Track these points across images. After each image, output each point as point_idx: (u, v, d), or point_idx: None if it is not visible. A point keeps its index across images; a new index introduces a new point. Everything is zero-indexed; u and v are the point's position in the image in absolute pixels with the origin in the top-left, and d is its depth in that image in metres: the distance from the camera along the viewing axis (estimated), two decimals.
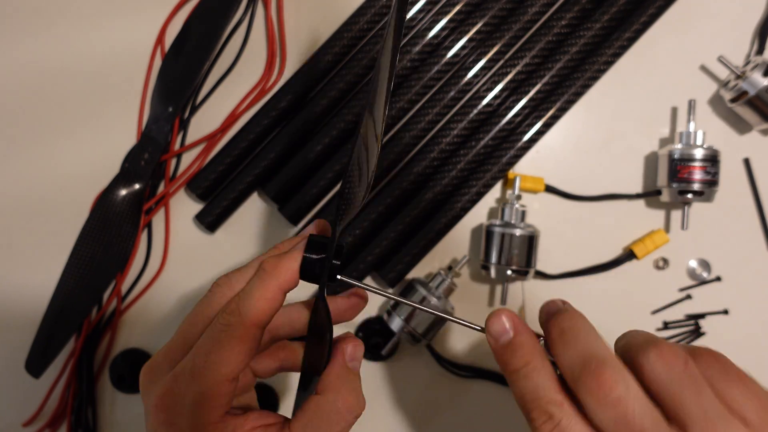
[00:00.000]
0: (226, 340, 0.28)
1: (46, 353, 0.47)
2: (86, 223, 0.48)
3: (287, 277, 0.29)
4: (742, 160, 0.50)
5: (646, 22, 0.48)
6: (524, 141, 0.48)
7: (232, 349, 0.28)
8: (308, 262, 0.30)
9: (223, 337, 0.28)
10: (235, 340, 0.28)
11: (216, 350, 0.28)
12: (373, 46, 0.48)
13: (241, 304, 0.28)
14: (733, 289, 0.50)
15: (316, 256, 0.30)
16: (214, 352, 0.28)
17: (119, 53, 0.50)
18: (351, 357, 0.30)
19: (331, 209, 0.48)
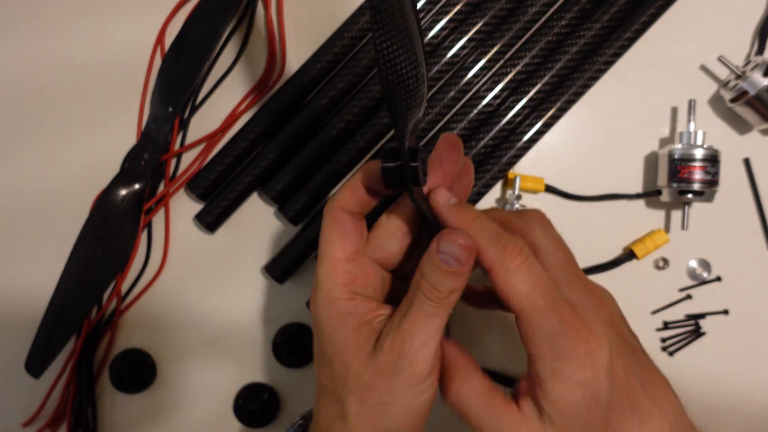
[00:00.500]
0: (326, 226, 0.34)
1: (46, 353, 0.47)
2: (86, 223, 0.48)
3: (367, 173, 0.33)
4: (742, 160, 0.50)
5: (646, 22, 0.48)
6: (524, 141, 0.48)
7: (330, 231, 0.33)
8: (387, 170, 0.30)
9: (324, 224, 0.34)
10: (330, 223, 0.33)
11: (323, 237, 0.34)
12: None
13: (333, 198, 0.34)
14: (733, 289, 0.50)
15: (392, 164, 0.30)
16: (322, 238, 0.34)
17: (119, 53, 0.50)
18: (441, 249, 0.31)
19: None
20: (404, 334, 0.30)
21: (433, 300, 0.31)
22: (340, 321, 0.32)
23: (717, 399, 0.50)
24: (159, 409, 0.50)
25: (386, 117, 0.48)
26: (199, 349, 0.50)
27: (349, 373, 0.32)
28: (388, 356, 0.31)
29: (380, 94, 0.48)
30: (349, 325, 0.32)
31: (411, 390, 0.31)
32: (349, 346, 0.32)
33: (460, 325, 0.50)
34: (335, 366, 0.32)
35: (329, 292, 0.33)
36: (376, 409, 0.31)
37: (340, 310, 0.32)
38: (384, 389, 0.31)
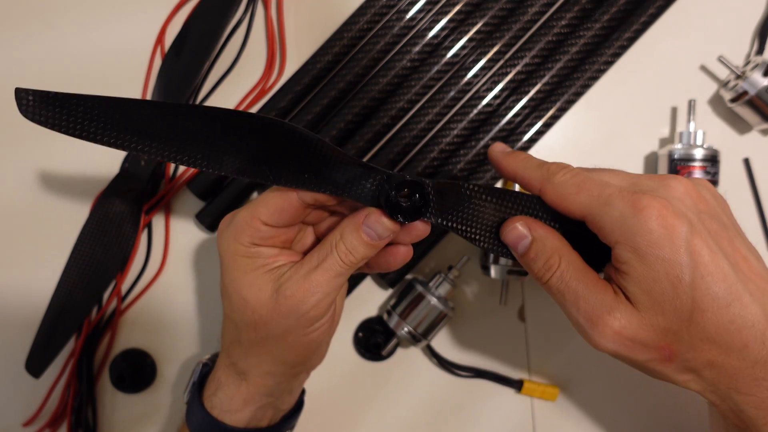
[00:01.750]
0: (273, 194, 0.34)
1: (46, 353, 0.47)
2: (86, 223, 0.48)
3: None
4: (742, 160, 0.50)
5: (646, 22, 0.48)
6: (524, 141, 0.48)
7: (273, 199, 0.34)
8: (408, 208, 0.33)
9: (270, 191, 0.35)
10: (277, 194, 0.34)
11: (265, 196, 0.35)
12: (374, 45, 0.48)
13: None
14: None
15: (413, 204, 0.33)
16: (264, 197, 0.35)
17: (119, 53, 0.50)
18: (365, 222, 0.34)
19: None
20: (310, 284, 0.34)
21: (345, 262, 0.34)
22: (239, 262, 0.35)
23: None
24: (159, 408, 0.50)
25: (386, 117, 0.48)
26: (199, 348, 0.50)
27: (246, 306, 0.35)
28: (288, 300, 0.34)
29: (380, 94, 0.48)
30: (248, 266, 0.35)
31: (304, 329, 0.35)
32: (246, 284, 0.35)
33: (456, 328, 0.50)
34: (233, 298, 0.35)
35: (237, 236, 0.35)
36: (269, 339, 0.35)
37: (241, 252, 0.35)
38: (278, 325, 0.34)
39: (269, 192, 0.35)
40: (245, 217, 0.34)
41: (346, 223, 0.34)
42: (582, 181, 0.32)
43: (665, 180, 0.32)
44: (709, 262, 0.30)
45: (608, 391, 0.50)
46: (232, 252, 0.35)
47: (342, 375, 0.50)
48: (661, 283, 0.29)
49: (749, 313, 0.30)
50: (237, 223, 0.35)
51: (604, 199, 0.31)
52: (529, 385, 0.49)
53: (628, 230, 0.30)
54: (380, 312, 0.50)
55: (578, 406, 0.50)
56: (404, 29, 0.48)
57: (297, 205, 0.34)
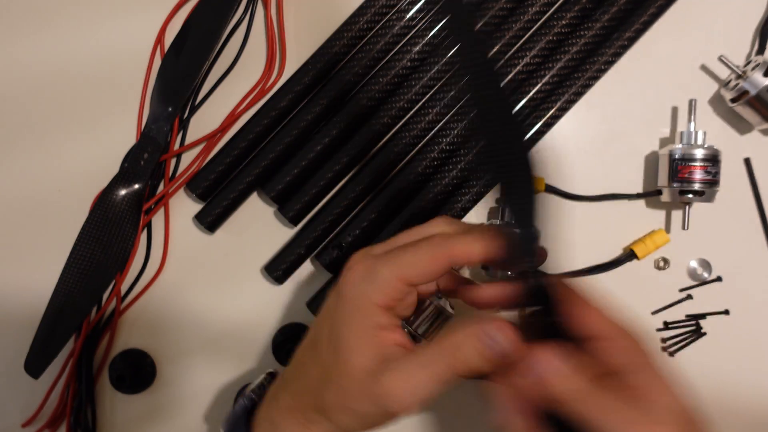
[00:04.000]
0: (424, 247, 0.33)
1: (45, 353, 0.47)
2: (85, 223, 0.48)
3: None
4: (742, 160, 0.50)
5: (646, 21, 0.48)
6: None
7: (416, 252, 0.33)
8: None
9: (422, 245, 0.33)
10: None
11: (406, 250, 0.33)
12: (374, 45, 0.48)
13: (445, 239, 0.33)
14: (734, 289, 0.50)
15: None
16: (404, 252, 0.33)
17: (119, 53, 0.50)
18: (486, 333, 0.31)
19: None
20: (414, 387, 0.31)
21: (456, 372, 0.31)
22: (363, 320, 0.32)
23: (717, 399, 0.50)
24: (159, 409, 0.50)
25: (386, 117, 0.47)
26: (198, 349, 0.50)
27: (341, 371, 0.32)
28: (384, 389, 0.31)
29: (380, 94, 0.48)
30: (375, 336, 0.32)
31: (382, 420, 0.32)
32: (357, 345, 0.32)
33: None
34: (341, 352, 0.32)
35: (375, 293, 0.32)
36: (347, 410, 0.32)
37: (370, 312, 0.32)
38: (360, 403, 0.32)
39: (418, 251, 0.32)
40: (391, 275, 0.32)
41: (468, 331, 0.31)
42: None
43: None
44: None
45: None
46: (361, 307, 0.32)
47: None
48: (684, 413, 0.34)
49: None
50: (380, 280, 0.32)
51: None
52: None
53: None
54: None
55: None
56: (404, 29, 0.48)
57: (445, 270, 0.32)
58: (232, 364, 0.50)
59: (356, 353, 0.32)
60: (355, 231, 0.47)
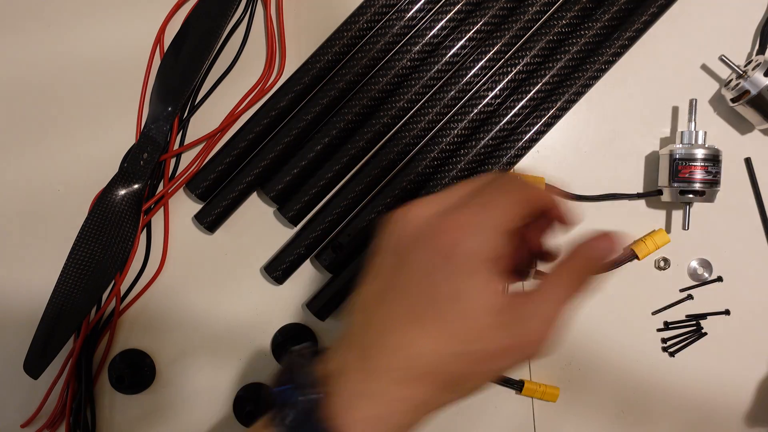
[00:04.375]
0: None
1: (45, 354, 0.47)
2: (85, 223, 0.48)
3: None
4: (743, 159, 0.50)
5: (647, 21, 0.48)
6: (525, 141, 0.48)
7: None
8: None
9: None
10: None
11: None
12: (374, 45, 0.47)
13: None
14: (734, 289, 0.50)
15: None
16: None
17: (118, 52, 0.50)
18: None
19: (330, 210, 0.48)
20: (551, 321, 0.30)
21: (579, 293, 0.31)
22: (490, 280, 0.30)
23: (718, 399, 0.50)
24: (158, 409, 0.50)
25: (386, 117, 0.47)
26: (198, 349, 0.50)
27: (475, 336, 0.30)
28: (523, 334, 0.30)
29: (380, 94, 0.48)
30: (497, 288, 0.30)
31: (509, 370, 0.31)
32: (493, 309, 0.30)
33: None
34: (462, 321, 0.30)
35: (503, 225, 0.31)
36: (483, 373, 0.31)
37: (494, 273, 0.30)
38: (500, 360, 0.30)
39: (511, 194, 0.31)
40: (495, 226, 0.30)
41: (588, 249, 0.31)
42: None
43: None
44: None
45: (609, 392, 0.50)
46: (480, 265, 0.30)
47: None
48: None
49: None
50: (488, 231, 0.30)
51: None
52: (530, 386, 0.49)
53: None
54: None
55: (579, 407, 0.50)
56: (404, 29, 0.48)
57: (534, 214, 0.32)
58: (231, 364, 0.50)
59: (488, 313, 0.30)
60: (354, 231, 0.47)
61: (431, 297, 0.30)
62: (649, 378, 0.50)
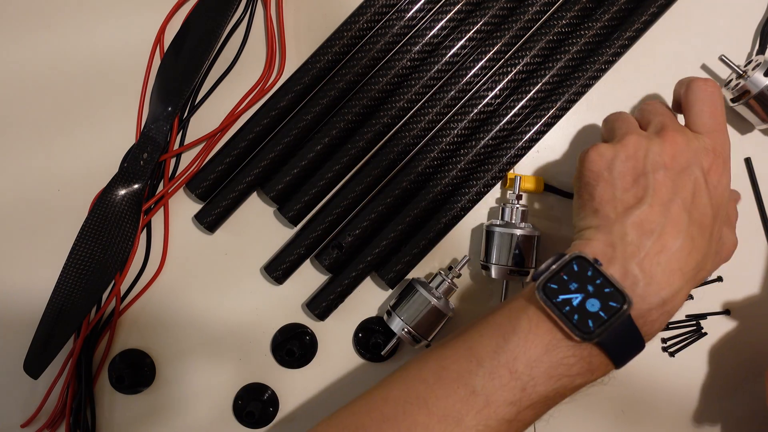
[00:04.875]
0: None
1: (45, 354, 0.47)
2: (85, 223, 0.48)
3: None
4: (743, 159, 0.50)
5: (647, 21, 0.48)
6: (525, 141, 0.48)
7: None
8: None
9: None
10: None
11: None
12: (374, 45, 0.47)
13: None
14: (734, 289, 0.50)
15: None
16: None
17: (118, 52, 0.50)
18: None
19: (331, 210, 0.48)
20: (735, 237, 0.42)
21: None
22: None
23: (718, 399, 0.50)
24: (158, 409, 0.50)
25: (386, 117, 0.47)
26: (198, 349, 0.50)
27: (723, 241, 0.40)
28: (729, 247, 0.41)
29: (380, 94, 0.48)
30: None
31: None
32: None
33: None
34: (722, 234, 0.39)
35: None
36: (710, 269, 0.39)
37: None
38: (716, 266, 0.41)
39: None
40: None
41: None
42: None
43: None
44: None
45: (609, 392, 0.50)
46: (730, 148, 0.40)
47: (342, 375, 0.50)
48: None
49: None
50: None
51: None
52: None
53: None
54: (380, 312, 0.50)
55: (579, 407, 0.50)
56: (404, 29, 0.48)
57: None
58: (231, 364, 0.50)
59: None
60: (354, 231, 0.47)
61: (710, 208, 0.37)
62: (649, 378, 0.50)
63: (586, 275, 0.35)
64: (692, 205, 0.36)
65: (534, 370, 0.35)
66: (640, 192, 0.37)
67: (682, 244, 0.35)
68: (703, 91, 0.40)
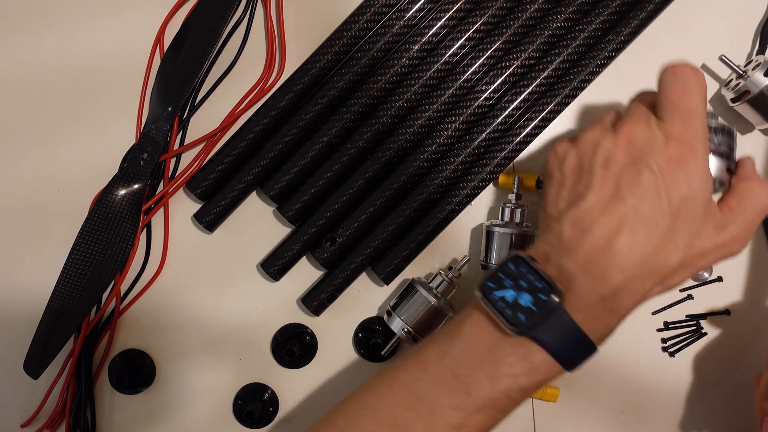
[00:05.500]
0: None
1: (45, 354, 0.47)
2: (85, 223, 0.48)
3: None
4: None
5: (646, 18, 0.47)
6: (522, 136, 0.47)
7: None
8: None
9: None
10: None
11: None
12: (373, 45, 0.47)
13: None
14: (734, 289, 0.50)
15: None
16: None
17: (118, 52, 0.50)
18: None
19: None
20: (753, 217, 0.37)
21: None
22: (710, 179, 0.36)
23: (718, 399, 0.50)
24: (158, 409, 0.50)
25: (386, 116, 0.47)
26: (198, 349, 0.50)
27: (698, 232, 0.35)
28: (730, 239, 0.36)
29: (380, 93, 0.48)
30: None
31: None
32: (713, 211, 0.36)
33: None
34: (693, 223, 0.35)
35: (702, 109, 0.36)
36: (702, 257, 0.36)
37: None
38: (709, 259, 0.36)
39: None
40: (701, 100, 0.36)
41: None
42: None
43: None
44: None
45: (609, 392, 0.50)
46: (705, 135, 0.36)
47: (342, 375, 0.50)
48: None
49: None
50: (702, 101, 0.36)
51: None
52: None
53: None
54: (380, 312, 0.50)
55: (579, 407, 0.50)
56: (404, 28, 0.48)
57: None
58: (231, 364, 0.50)
59: (713, 216, 0.35)
60: (351, 225, 0.47)
61: (676, 206, 0.34)
62: (649, 378, 0.50)
63: (520, 272, 0.35)
64: (641, 199, 0.34)
65: (477, 372, 0.34)
66: (581, 188, 0.36)
67: (623, 240, 0.34)
68: (672, 73, 0.37)
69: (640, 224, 0.34)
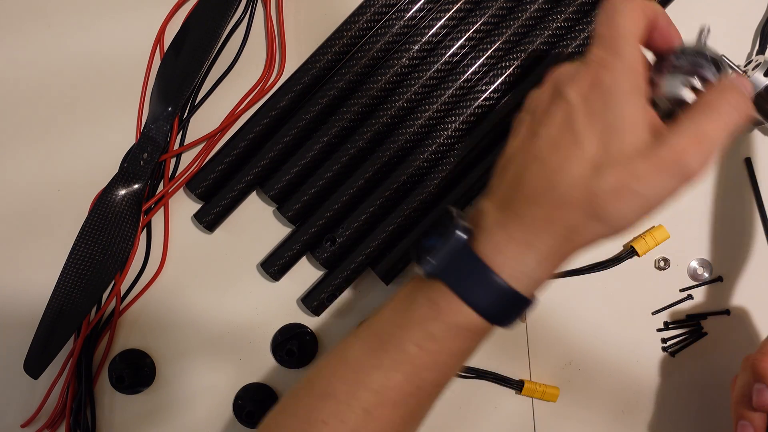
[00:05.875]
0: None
1: (45, 354, 0.47)
2: (85, 223, 0.48)
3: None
4: (743, 160, 0.50)
5: None
6: None
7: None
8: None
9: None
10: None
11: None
12: (373, 45, 0.47)
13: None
14: (734, 289, 0.50)
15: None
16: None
17: (118, 52, 0.50)
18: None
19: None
20: (702, 136, 0.30)
21: (742, 116, 0.31)
22: (640, 94, 0.32)
23: (718, 399, 0.50)
24: (158, 409, 0.50)
25: (386, 116, 0.47)
26: (198, 349, 0.50)
27: (621, 147, 0.31)
28: (675, 152, 0.30)
29: (380, 93, 0.48)
30: (647, 106, 0.32)
31: (667, 197, 0.31)
32: (638, 122, 0.31)
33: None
34: (610, 136, 0.31)
35: (638, 61, 0.32)
36: (631, 194, 0.30)
37: (642, 85, 0.32)
38: (651, 179, 0.30)
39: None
40: (632, 24, 0.33)
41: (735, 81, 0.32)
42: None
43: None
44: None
45: (609, 392, 0.50)
46: (636, 84, 0.32)
47: None
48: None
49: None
50: (633, 51, 0.32)
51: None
52: (530, 386, 0.49)
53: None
54: None
55: (579, 407, 0.50)
56: (404, 28, 0.48)
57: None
58: (231, 364, 0.50)
59: (638, 128, 0.31)
60: (351, 225, 0.47)
61: (584, 122, 0.31)
62: (649, 378, 0.50)
63: (441, 221, 0.35)
64: (554, 127, 0.32)
65: (392, 326, 0.34)
66: (510, 139, 0.36)
67: (533, 169, 0.32)
68: (601, 7, 0.34)
69: (553, 152, 0.32)
